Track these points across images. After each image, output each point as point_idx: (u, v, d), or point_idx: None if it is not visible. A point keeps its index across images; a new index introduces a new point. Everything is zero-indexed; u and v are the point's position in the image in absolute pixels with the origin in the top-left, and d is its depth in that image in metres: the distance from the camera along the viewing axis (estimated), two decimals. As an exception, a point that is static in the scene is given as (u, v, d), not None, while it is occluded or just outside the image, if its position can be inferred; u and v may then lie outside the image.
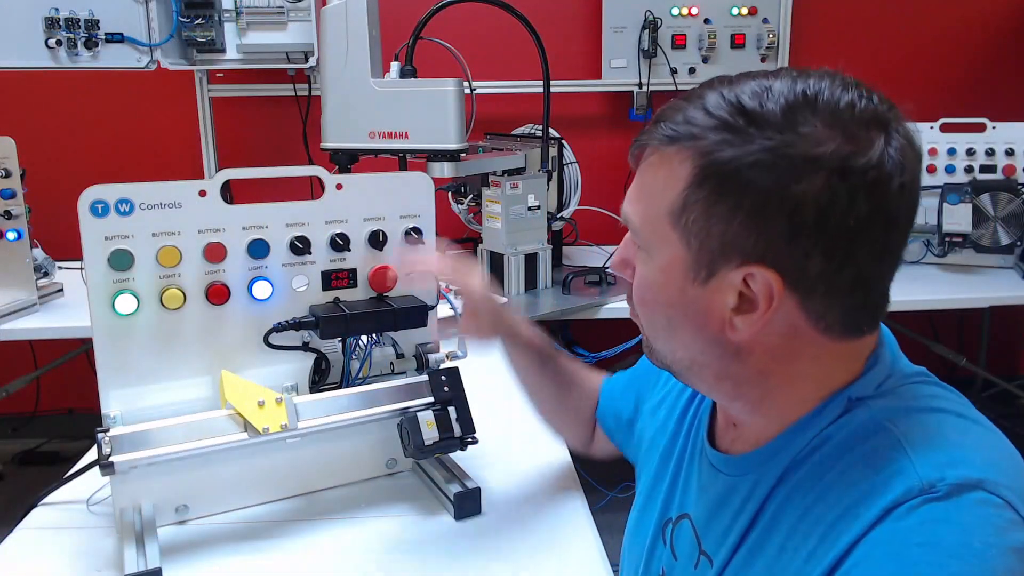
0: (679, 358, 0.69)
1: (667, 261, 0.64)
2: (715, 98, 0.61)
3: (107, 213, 0.92)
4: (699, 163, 0.60)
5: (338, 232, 1.03)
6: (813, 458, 0.65)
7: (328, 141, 1.85)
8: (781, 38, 2.70)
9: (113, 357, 0.94)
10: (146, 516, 0.96)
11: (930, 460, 0.58)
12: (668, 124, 0.63)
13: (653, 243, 0.65)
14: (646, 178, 0.65)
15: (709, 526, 0.74)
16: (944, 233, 2.27)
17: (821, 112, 0.58)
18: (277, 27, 2.36)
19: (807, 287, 0.60)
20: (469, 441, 1.05)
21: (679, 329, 0.67)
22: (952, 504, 0.55)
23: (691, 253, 0.62)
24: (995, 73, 2.88)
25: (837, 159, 0.56)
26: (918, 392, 0.66)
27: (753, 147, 0.57)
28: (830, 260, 0.58)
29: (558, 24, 2.72)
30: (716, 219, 0.60)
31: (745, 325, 0.62)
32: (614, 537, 0.95)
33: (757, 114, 0.58)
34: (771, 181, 0.57)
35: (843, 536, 0.58)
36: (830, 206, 0.56)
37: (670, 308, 0.66)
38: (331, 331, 1.01)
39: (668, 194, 0.62)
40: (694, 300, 0.64)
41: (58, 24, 2.22)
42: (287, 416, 0.96)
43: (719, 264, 0.61)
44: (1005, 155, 2.37)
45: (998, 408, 2.91)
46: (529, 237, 2.02)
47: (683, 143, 0.61)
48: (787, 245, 0.58)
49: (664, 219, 0.63)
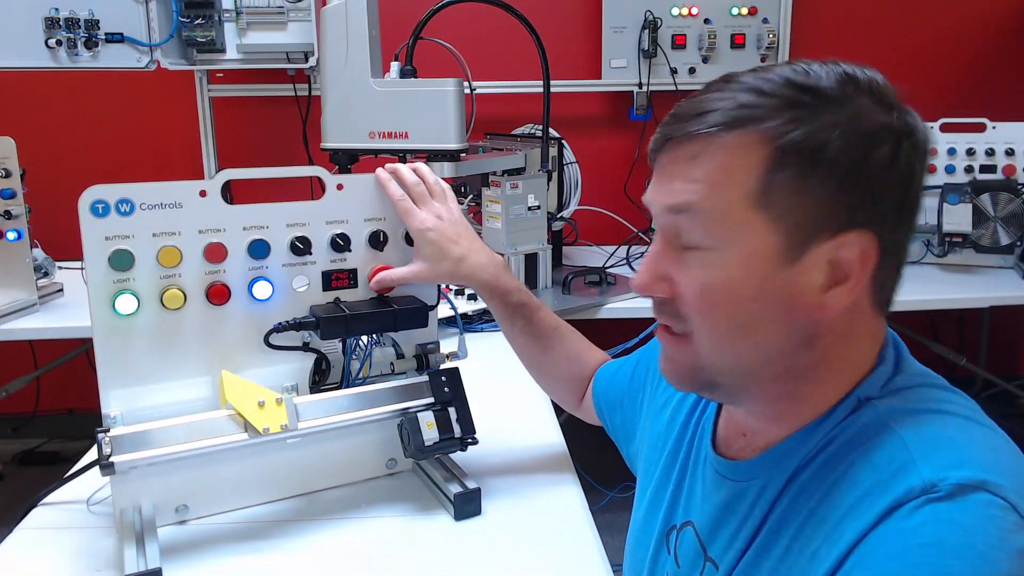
0: (745, 362, 0.65)
1: (750, 250, 0.62)
2: (760, 82, 0.61)
3: (107, 213, 0.92)
4: (775, 144, 0.60)
5: (338, 232, 1.03)
6: (819, 458, 0.65)
7: (328, 141, 1.85)
8: (781, 38, 2.70)
9: (113, 357, 0.94)
10: (146, 516, 0.96)
11: (933, 460, 0.58)
12: (718, 112, 0.62)
13: (728, 234, 0.62)
14: (702, 168, 0.62)
15: (715, 532, 0.73)
16: (944, 233, 2.27)
17: (863, 88, 0.61)
18: (277, 27, 2.36)
19: (890, 251, 0.63)
20: (469, 442, 1.05)
21: (759, 325, 0.64)
22: (955, 505, 0.55)
23: (780, 235, 0.61)
24: (995, 73, 2.88)
25: (903, 126, 0.61)
26: (926, 395, 0.66)
27: (825, 120, 0.59)
28: (909, 222, 0.63)
29: (558, 24, 2.72)
30: (806, 194, 0.60)
31: (837, 299, 0.62)
32: (614, 537, 0.95)
33: (817, 90, 0.60)
34: (852, 151, 0.59)
35: (846, 534, 0.58)
36: (907, 169, 0.61)
37: (752, 302, 0.63)
38: (331, 331, 1.00)
39: (741, 179, 0.61)
40: (782, 286, 0.62)
41: (58, 24, 2.22)
42: (287, 416, 0.96)
43: (812, 240, 0.61)
44: (1005, 155, 2.37)
45: (998, 408, 2.91)
46: (529, 237, 2.02)
47: (746, 127, 0.61)
48: (875, 209, 0.61)
49: (743, 206, 0.61)
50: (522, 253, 2.01)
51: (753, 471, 0.70)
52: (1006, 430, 0.65)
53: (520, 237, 2.01)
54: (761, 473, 0.69)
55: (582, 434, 1.14)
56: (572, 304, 1.98)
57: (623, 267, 2.30)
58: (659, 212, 0.67)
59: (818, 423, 0.66)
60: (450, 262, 1.04)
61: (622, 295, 2.05)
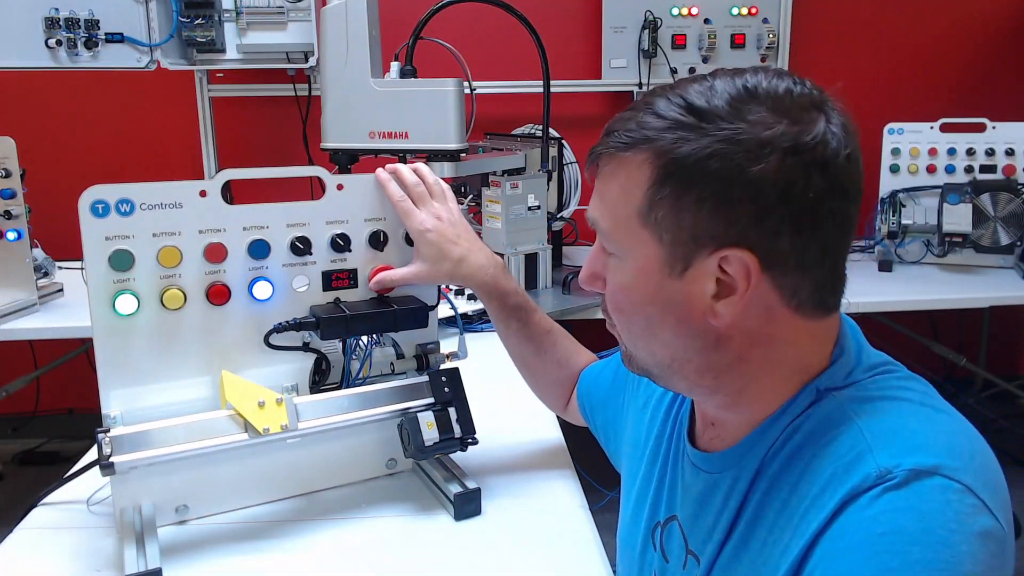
0: (659, 359, 0.70)
1: (642, 261, 0.66)
2: (663, 103, 0.65)
3: (107, 213, 0.92)
4: (659, 162, 0.63)
5: (339, 232, 1.04)
6: (785, 450, 0.66)
7: (328, 141, 1.85)
8: (781, 38, 2.70)
9: (113, 357, 0.94)
10: (146, 516, 0.96)
11: (888, 448, 0.59)
12: (622, 132, 0.66)
13: (625, 246, 0.68)
14: (608, 184, 0.68)
15: (695, 525, 0.74)
16: (944, 233, 2.27)
17: (764, 101, 0.62)
18: (277, 27, 2.36)
19: (780, 264, 0.63)
20: (469, 442, 1.05)
21: (659, 327, 0.68)
22: (911, 491, 0.56)
23: (664, 248, 0.65)
24: (995, 73, 2.88)
25: (787, 139, 0.60)
26: (883, 383, 0.67)
27: (708, 139, 0.61)
28: (799, 234, 0.62)
29: (558, 24, 2.72)
30: (684, 211, 0.63)
31: (727, 309, 0.64)
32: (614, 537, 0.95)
33: (706, 110, 0.62)
34: (730, 168, 0.61)
35: (811, 526, 0.60)
36: (789, 183, 0.60)
37: (649, 307, 0.68)
38: (331, 332, 1.00)
39: (633, 196, 0.65)
40: (673, 294, 0.66)
41: (58, 24, 2.22)
42: (287, 416, 0.96)
43: (693, 254, 0.64)
44: (1005, 155, 2.37)
45: (998, 408, 2.91)
46: (529, 237, 2.02)
47: (640, 146, 0.64)
48: (756, 225, 0.61)
49: (633, 220, 0.66)
50: (522, 253, 2.02)
51: (724, 463, 0.72)
52: (1006, 430, 0.65)
53: (520, 237, 2.01)
54: (732, 465, 0.71)
55: (582, 434, 1.14)
56: (572, 304, 1.98)
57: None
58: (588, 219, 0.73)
59: (778, 415, 0.68)
60: (450, 263, 1.04)
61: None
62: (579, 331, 2.40)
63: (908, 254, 2.38)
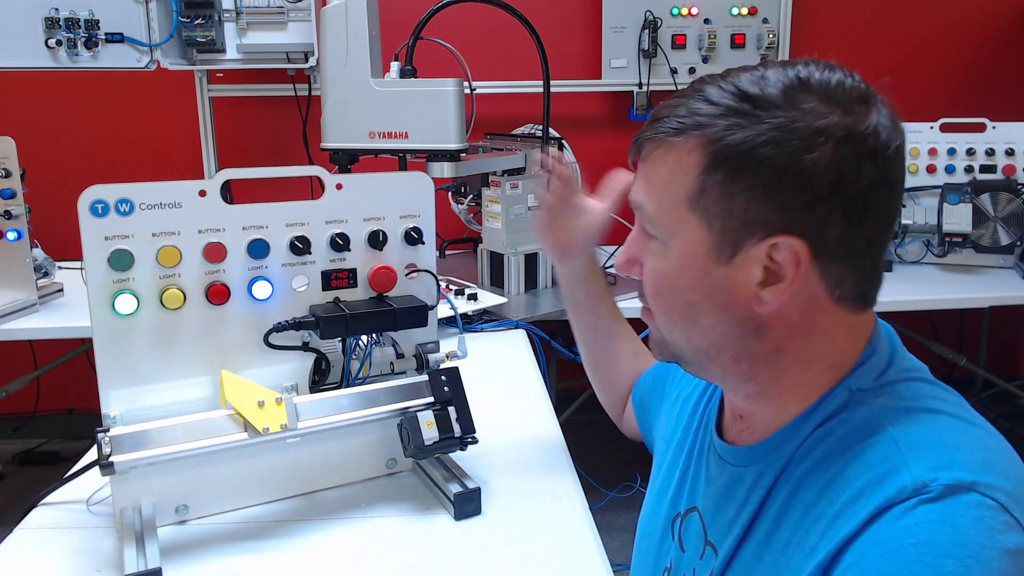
0: (696, 345, 0.70)
1: (688, 246, 0.67)
2: (715, 90, 0.65)
3: (107, 213, 0.92)
4: (711, 148, 0.63)
5: (338, 232, 1.03)
6: (815, 453, 0.66)
7: (328, 141, 1.85)
8: (781, 38, 2.70)
9: (113, 357, 0.94)
10: (146, 516, 0.96)
11: (924, 461, 0.59)
12: (672, 118, 0.66)
13: (671, 230, 0.68)
14: (657, 169, 0.68)
15: (715, 516, 0.75)
16: (944, 233, 2.27)
17: (816, 92, 0.63)
18: (277, 27, 2.36)
19: (828, 252, 0.63)
20: (469, 441, 1.05)
21: (701, 313, 0.68)
22: (946, 505, 0.56)
23: (713, 234, 0.65)
24: (995, 73, 2.88)
25: (841, 129, 0.61)
26: (917, 391, 0.67)
27: (762, 127, 0.62)
28: (848, 224, 0.63)
29: (558, 24, 2.72)
30: (736, 197, 0.63)
31: (773, 296, 0.65)
32: (614, 537, 0.95)
33: (760, 98, 0.63)
34: (784, 155, 0.61)
35: (840, 532, 0.59)
36: (841, 172, 0.61)
37: (692, 292, 0.67)
38: (331, 331, 1.01)
39: (683, 181, 0.65)
40: (718, 280, 0.66)
41: (58, 24, 2.22)
42: (287, 416, 0.96)
43: (743, 240, 0.64)
44: (1005, 155, 2.37)
45: (998, 408, 2.91)
46: (529, 237, 2.02)
47: (691, 132, 0.65)
48: (807, 213, 0.62)
49: (682, 204, 0.66)
50: (522, 253, 2.01)
51: (750, 457, 0.72)
52: (1006, 430, 0.65)
53: (520, 237, 2.01)
54: (759, 459, 0.71)
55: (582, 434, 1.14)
56: (572, 304, 1.98)
57: (623, 267, 2.29)
58: (631, 204, 0.74)
59: (809, 412, 0.68)
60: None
61: (622, 295, 2.04)
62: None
63: (908, 254, 2.37)
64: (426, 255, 1.10)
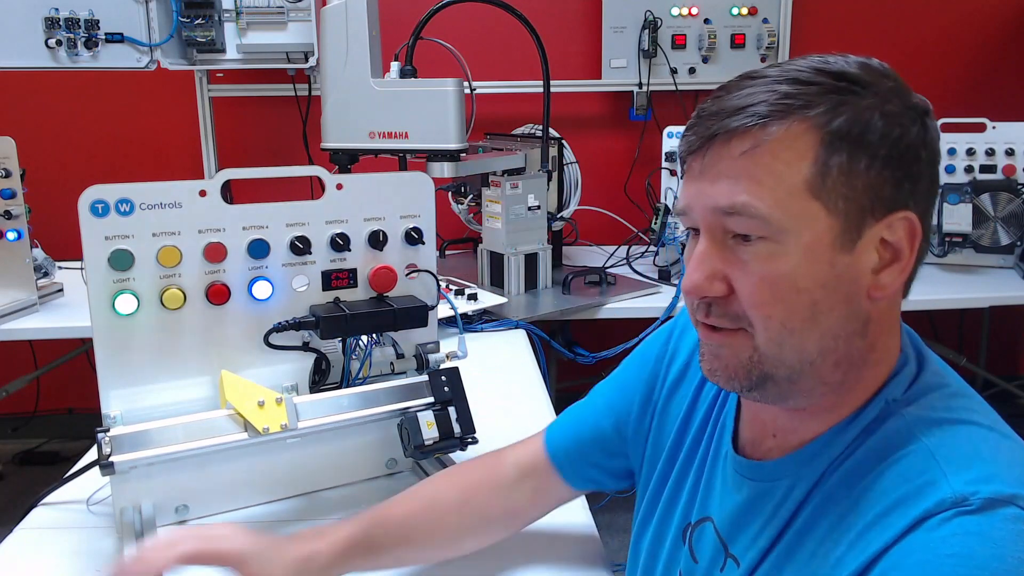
0: (806, 354, 0.64)
1: (812, 237, 0.62)
2: (794, 72, 0.63)
3: (107, 213, 0.92)
4: (825, 129, 0.61)
5: (338, 232, 1.04)
6: (847, 464, 0.65)
7: (328, 141, 1.85)
8: (781, 38, 2.70)
9: (113, 357, 0.94)
10: (146, 516, 0.96)
11: (963, 474, 0.58)
12: (759, 105, 0.61)
13: (790, 224, 0.61)
14: (758, 163, 0.62)
15: (737, 530, 0.73)
16: (944, 233, 2.27)
17: (885, 73, 0.64)
18: (277, 27, 2.36)
19: (927, 228, 0.65)
20: (469, 441, 1.05)
21: (824, 312, 0.63)
22: (985, 518, 0.55)
23: (839, 218, 0.61)
24: (995, 73, 2.88)
25: (924, 106, 0.64)
26: (950, 403, 0.65)
27: (868, 101, 0.62)
28: (933, 199, 0.65)
29: (558, 24, 2.72)
30: (857, 176, 0.61)
31: (891, 278, 0.64)
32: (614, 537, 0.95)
33: (855, 75, 0.63)
34: (897, 129, 0.61)
35: (873, 543, 0.59)
36: (933, 147, 0.64)
37: (818, 289, 0.62)
38: (331, 331, 1.01)
39: (799, 168, 0.61)
40: (844, 270, 0.62)
41: (58, 24, 2.22)
42: (287, 416, 0.96)
43: (867, 221, 0.62)
44: (1005, 155, 2.36)
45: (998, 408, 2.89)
46: (529, 237, 2.02)
47: (794, 116, 0.61)
48: (917, 186, 0.63)
49: (802, 193, 0.61)
50: (522, 253, 2.01)
51: (779, 471, 0.69)
52: (1006, 431, 0.65)
53: (520, 237, 2.01)
54: (788, 473, 0.69)
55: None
56: (572, 304, 1.98)
57: (623, 267, 2.30)
58: (705, 213, 0.65)
59: (847, 423, 0.66)
60: None
61: (622, 295, 2.05)
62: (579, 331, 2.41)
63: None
64: (426, 255, 1.10)
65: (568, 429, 0.93)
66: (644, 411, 0.89)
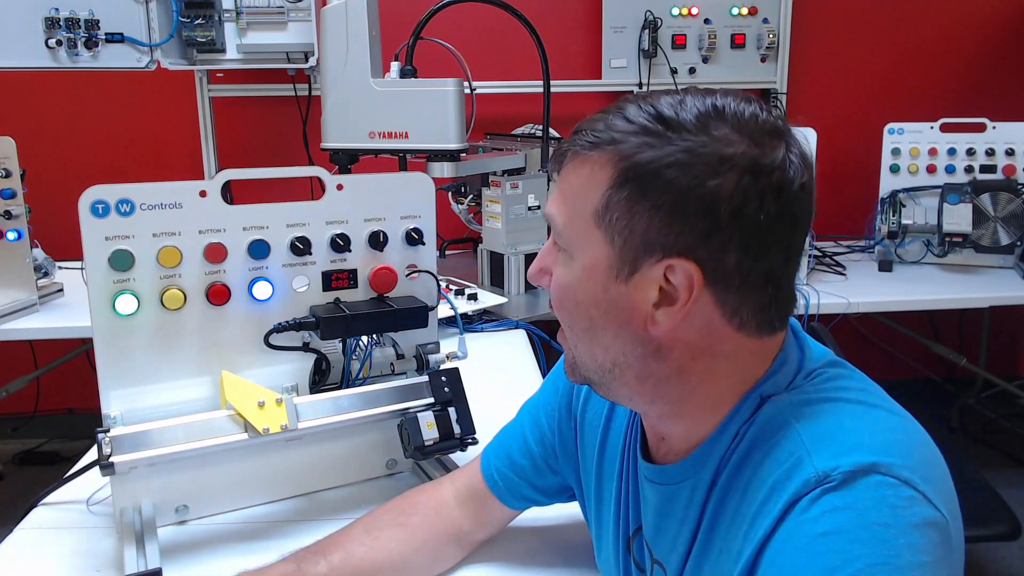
0: (600, 363, 0.70)
1: (590, 261, 0.67)
2: (634, 108, 0.65)
3: (107, 213, 0.92)
4: (620, 165, 0.64)
5: (338, 232, 1.04)
6: (733, 459, 0.67)
7: (328, 141, 1.85)
8: (781, 38, 2.70)
9: (113, 357, 0.94)
10: (146, 516, 0.96)
11: (825, 451, 0.60)
12: (589, 131, 0.66)
13: (576, 244, 0.68)
14: (570, 182, 0.68)
15: (657, 535, 0.75)
16: (944, 233, 2.27)
17: (729, 120, 0.63)
18: (277, 27, 2.36)
19: (724, 281, 0.63)
20: (469, 442, 1.05)
21: (601, 329, 0.68)
22: (848, 490, 0.57)
23: (615, 251, 0.65)
24: (995, 73, 2.88)
25: (747, 159, 0.61)
26: (821, 385, 0.68)
27: (670, 148, 0.62)
28: (745, 254, 0.62)
29: (558, 24, 2.72)
30: (638, 216, 0.63)
31: (666, 318, 0.65)
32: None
33: (674, 120, 0.63)
34: (688, 179, 0.61)
35: (758, 532, 0.60)
36: (743, 202, 0.61)
37: (592, 308, 0.68)
38: (331, 332, 1.01)
39: (591, 195, 0.65)
40: (617, 298, 0.66)
41: (58, 24, 2.22)
42: (287, 416, 0.96)
43: (641, 260, 0.64)
44: (1005, 155, 2.37)
45: (998, 408, 2.91)
46: (529, 237, 2.02)
47: (604, 147, 0.65)
48: (705, 239, 0.62)
49: (588, 219, 0.66)
50: (522, 253, 2.01)
51: (679, 474, 0.72)
52: (1006, 430, 0.65)
53: (520, 237, 2.01)
54: (688, 475, 0.71)
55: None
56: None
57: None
58: None
59: (725, 423, 0.68)
60: None
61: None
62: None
63: (908, 254, 2.37)
64: (426, 255, 1.10)
65: (500, 451, 0.95)
66: (568, 424, 0.91)
